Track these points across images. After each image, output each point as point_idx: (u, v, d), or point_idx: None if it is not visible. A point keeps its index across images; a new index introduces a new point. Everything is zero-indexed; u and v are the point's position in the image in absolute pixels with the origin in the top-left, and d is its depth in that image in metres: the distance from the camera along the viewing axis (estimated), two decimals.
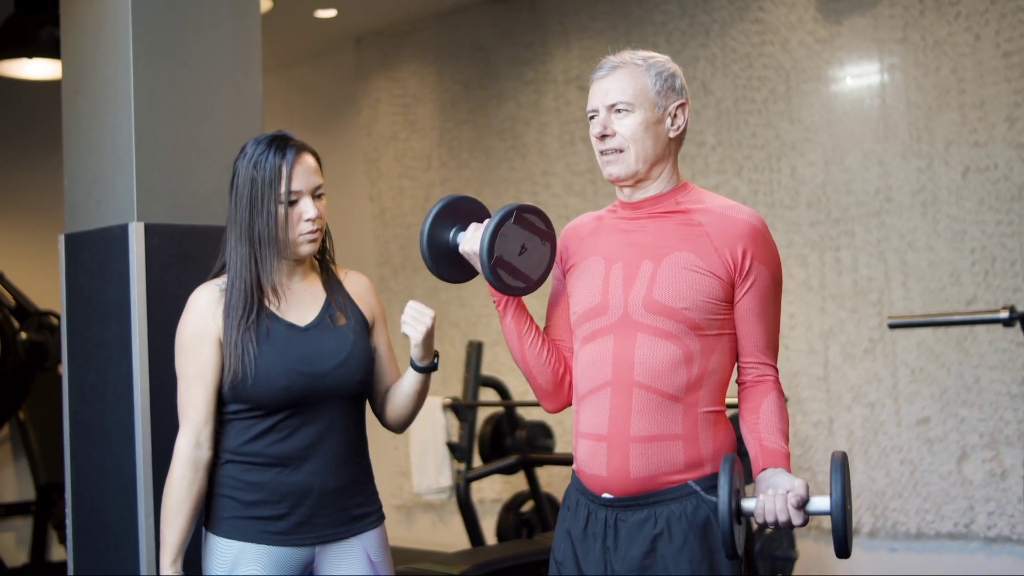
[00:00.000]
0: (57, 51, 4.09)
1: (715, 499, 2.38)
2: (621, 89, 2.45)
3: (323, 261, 2.82)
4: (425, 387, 2.80)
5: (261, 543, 2.64)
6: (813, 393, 5.73)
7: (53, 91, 3.67)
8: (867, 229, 5.58)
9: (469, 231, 2.55)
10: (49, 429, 6.35)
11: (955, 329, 5.29)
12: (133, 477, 3.21)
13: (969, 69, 5.30)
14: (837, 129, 5.70)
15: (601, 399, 2.43)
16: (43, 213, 6.82)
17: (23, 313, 6.48)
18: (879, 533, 5.57)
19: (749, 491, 3.18)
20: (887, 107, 5.54)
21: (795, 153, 5.82)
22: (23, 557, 6.93)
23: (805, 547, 5.72)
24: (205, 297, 2.70)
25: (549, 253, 2.54)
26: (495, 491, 6.96)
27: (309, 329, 2.69)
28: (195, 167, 3.42)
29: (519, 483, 6.45)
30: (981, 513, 5.27)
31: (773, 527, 2.25)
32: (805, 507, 2.24)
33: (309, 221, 2.66)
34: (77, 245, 3.46)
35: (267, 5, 5.41)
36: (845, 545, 2.19)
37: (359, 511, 2.74)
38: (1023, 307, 5.00)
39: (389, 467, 7.60)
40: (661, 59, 2.51)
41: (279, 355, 2.63)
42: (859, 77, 5.66)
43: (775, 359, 2.50)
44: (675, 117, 2.49)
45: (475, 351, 5.79)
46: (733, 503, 2.21)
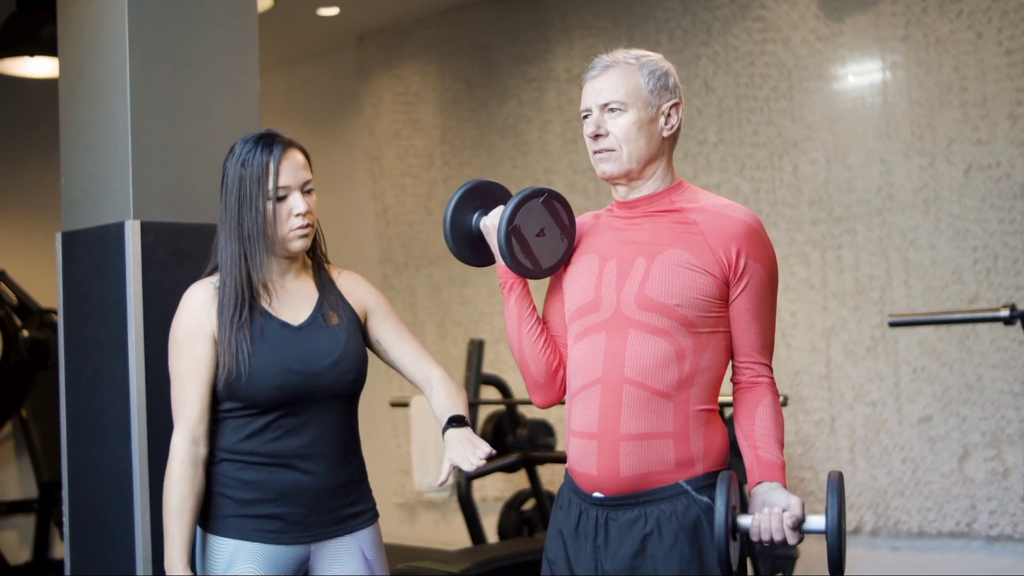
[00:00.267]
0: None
1: (706, 499, 2.38)
2: (614, 88, 2.44)
3: (316, 259, 2.82)
4: None
5: (256, 541, 2.64)
6: (815, 392, 5.72)
7: (55, 89, 3.67)
8: (869, 227, 5.57)
9: (493, 213, 2.57)
10: (51, 427, 6.32)
11: (957, 328, 5.28)
12: (129, 475, 3.20)
13: (971, 67, 5.29)
14: (839, 127, 5.69)
15: (591, 396, 2.42)
16: (46, 211, 6.80)
17: (25, 311, 6.48)
18: (881, 532, 5.56)
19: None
20: (889, 105, 5.53)
21: (797, 151, 5.81)
22: (26, 555, 6.93)
23: (807, 546, 5.71)
24: (199, 295, 2.70)
25: (565, 248, 2.55)
26: (497, 489, 6.96)
27: (303, 328, 2.69)
28: (191, 165, 3.41)
29: (521, 481, 6.45)
30: (983, 512, 5.26)
31: (768, 544, 2.25)
32: (801, 527, 2.24)
33: (299, 216, 2.65)
34: (74, 243, 3.45)
35: (268, 3, 5.40)
36: (839, 564, 2.20)
37: (353, 509, 2.74)
38: None
39: (391, 465, 7.60)
40: (654, 58, 2.50)
41: (273, 354, 2.63)
42: (861, 75, 5.65)
43: (770, 359, 2.49)
44: (669, 116, 2.48)
45: (476, 349, 5.79)
46: (729, 520, 2.21)
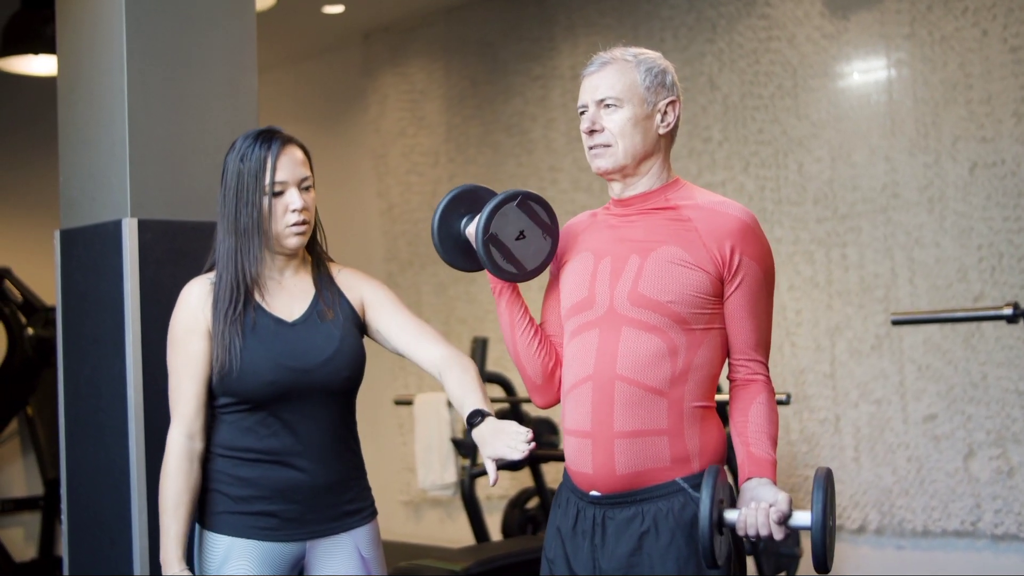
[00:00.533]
0: None
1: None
2: (610, 85, 2.44)
3: (316, 256, 2.81)
4: None
5: (251, 538, 2.64)
6: (819, 390, 5.71)
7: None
8: (874, 225, 5.55)
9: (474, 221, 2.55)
10: (56, 424, 6.34)
11: (962, 326, 5.25)
12: (127, 473, 3.21)
13: (976, 64, 5.26)
14: (844, 125, 5.67)
15: (582, 393, 2.42)
16: (50, 208, 6.81)
17: (30, 309, 6.49)
18: (886, 531, 5.54)
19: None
20: (894, 103, 5.51)
21: (802, 149, 5.79)
22: (32, 552, 6.95)
23: (810, 545, 5.69)
24: (196, 291, 2.70)
25: (549, 247, 2.53)
26: (502, 487, 6.96)
27: (297, 324, 2.69)
28: (189, 164, 3.42)
29: (526, 479, 6.45)
30: (988, 511, 5.24)
31: (755, 539, 2.24)
32: (787, 523, 2.24)
33: (295, 212, 2.64)
34: (72, 241, 3.46)
35: (270, 1, 5.41)
36: (823, 561, 2.21)
37: (350, 507, 2.74)
38: None
39: (396, 463, 7.60)
40: (652, 55, 2.49)
41: (265, 349, 2.63)
42: (866, 73, 5.63)
43: (766, 357, 2.48)
44: (665, 114, 2.47)
45: (480, 347, 5.77)
46: (715, 514, 2.21)
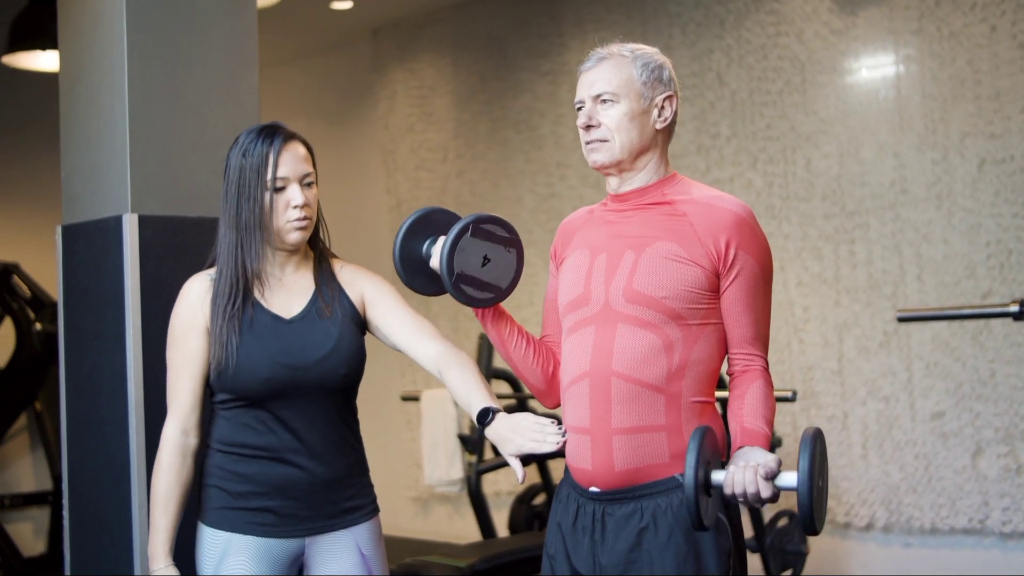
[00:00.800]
0: None
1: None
2: (607, 80, 2.44)
3: (318, 252, 2.81)
4: None
5: (249, 534, 2.64)
6: (827, 387, 5.69)
7: None
8: (882, 222, 5.53)
9: (439, 243, 2.53)
10: None
11: (970, 323, 5.23)
12: (127, 468, 3.21)
13: (985, 60, 5.24)
14: (852, 121, 5.65)
15: (579, 390, 2.42)
16: (58, 204, 6.84)
17: (38, 304, 6.48)
18: (893, 528, 5.53)
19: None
20: (902, 99, 5.49)
21: (810, 145, 5.77)
22: (40, 547, 6.96)
23: (819, 542, 5.68)
24: (196, 287, 2.71)
25: (516, 259, 2.52)
26: (510, 483, 6.96)
27: (294, 322, 2.68)
28: (190, 159, 3.42)
29: (533, 476, 6.44)
30: (996, 508, 5.22)
31: (743, 501, 2.21)
32: (774, 480, 2.19)
33: (296, 208, 2.64)
34: (73, 236, 3.47)
35: None
36: (811, 522, 2.15)
37: (350, 504, 2.73)
38: None
39: (405, 459, 7.60)
40: (649, 51, 2.49)
41: (261, 346, 2.63)
42: (874, 68, 5.61)
43: (765, 350, 2.46)
44: (662, 109, 2.47)
45: (486, 344, 5.76)
46: (701, 475, 2.17)
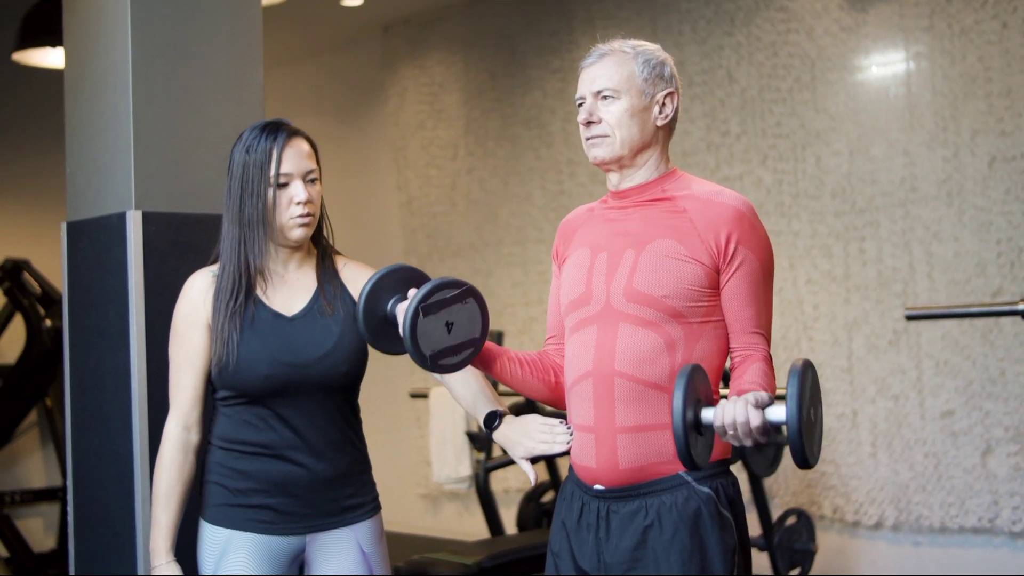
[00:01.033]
0: None
1: (707, 490, 2.34)
2: (608, 76, 2.43)
3: (321, 249, 2.81)
4: None
5: (249, 531, 2.64)
6: (837, 385, 5.68)
7: None
8: (892, 219, 5.51)
9: (405, 302, 2.44)
10: None
11: (980, 321, 5.21)
12: (130, 465, 3.22)
13: (996, 57, 5.21)
14: (862, 118, 5.63)
15: (584, 389, 2.41)
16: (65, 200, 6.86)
17: (49, 301, 6.50)
18: (903, 527, 5.51)
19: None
20: (913, 96, 5.47)
21: (820, 142, 5.76)
22: (51, 543, 6.98)
23: (827, 540, 5.67)
24: (199, 283, 2.72)
25: (476, 307, 2.44)
26: (519, 481, 6.96)
27: (295, 319, 2.69)
28: (194, 156, 3.43)
29: (542, 473, 6.43)
30: (1006, 508, 5.20)
31: (733, 435, 2.13)
32: (765, 409, 2.12)
33: (299, 204, 2.64)
34: (78, 233, 3.48)
35: None
36: (803, 454, 2.08)
37: (351, 501, 2.74)
38: None
39: (414, 456, 7.61)
40: (651, 47, 2.49)
41: (262, 343, 2.63)
42: (884, 66, 5.59)
43: (766, 343, 2.41)
44: (663, 105, 2.46)
45: (494, 341, 5.77)
46: (689, 414, 2.11)
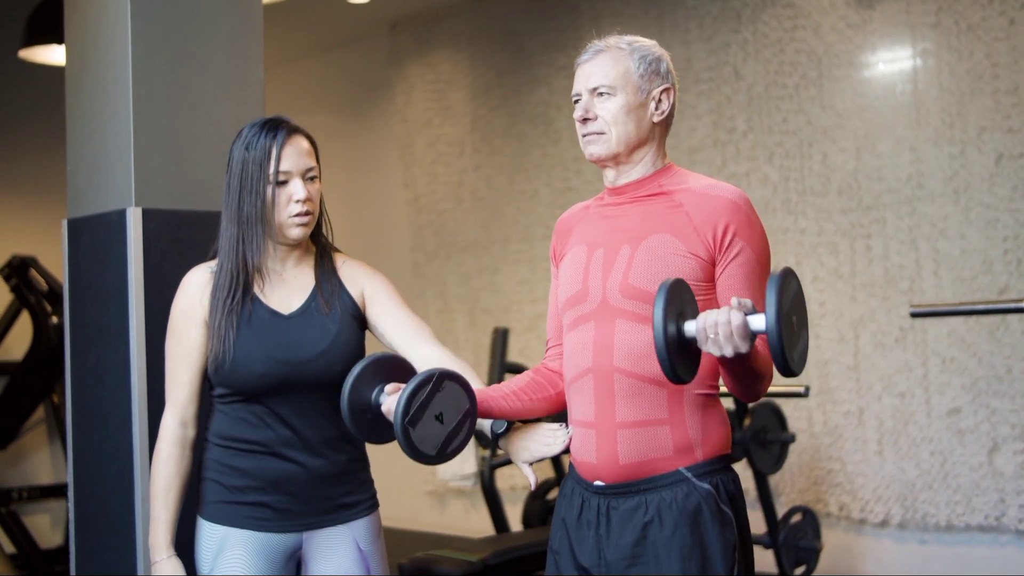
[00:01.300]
0: None
1: (707, 486, 2.34)
2: (603, 73, 2.43)
3: (320, 247, 2.80)
4: None
5: (245, 528, 2.64)
6: (843, 383, 5.66)
7: None
8: (898, 216, 5.50)
9: (388, 389, 2.42)
10: None
11: (986, 319, 5.19)
12: (130, 462, 3.22)
13: (1003, 54, 5.19)
14: (869, 115, 5.62)
15: (584, 385, 2.41)
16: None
17: (55, 298, 6.51)
18: (909, 525, 5.50)
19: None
20: (919, 93, 5.45)
21: (826, 139, 5.74)
22: (58, 539, 6.99)
23: (833, 538, 5.66)
24: (196, 279, 2.72)
25: (453, 384, 2.36)
26: (526, 478, 6.92)
27: (292, 317, 2.68)
28: (194, 153, 3.43)
29: (548, 470, 6.43)
30: (1012, 506, 5.18)
31: (714, 341, 2.06)
32: (748, 316, 2.07)
33: (298, 202, 2.63)
34: (79, 230, 3.48)
35: None
36: (783, 359, 2.03)
37: (348, 499, 2.73)
38: None
39: None
40: (647, 43, 2.48)
41: (258, 342, 2.63)
42: (891, 62, 5.57)
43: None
44: (659, 101, 2.46)
45: (500, 338, 5.76)
46: (671, 327, 2.05)
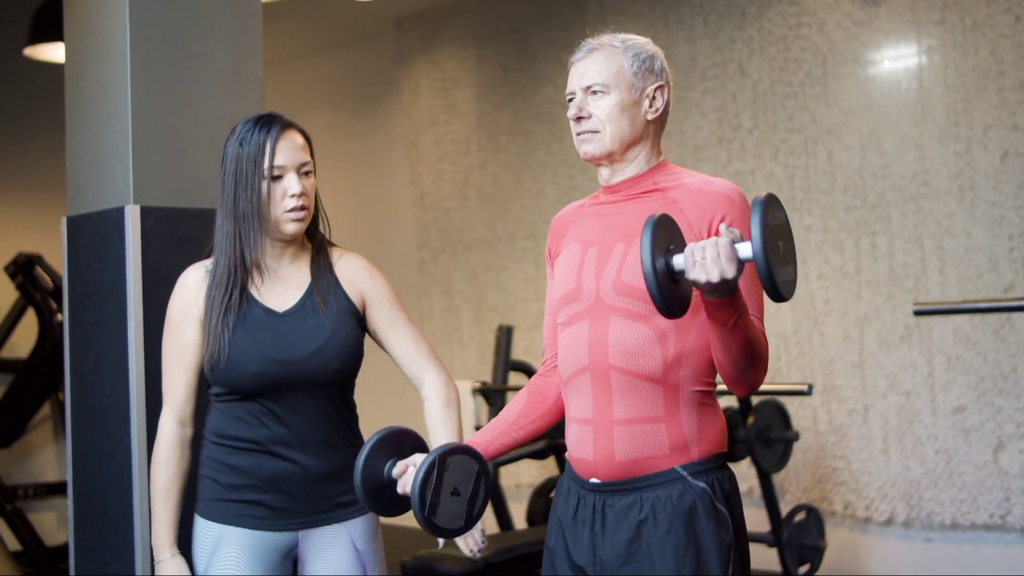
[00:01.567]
0: None
1: (702, 485, 2.33)
2: (597, 71, 2.42)
3: (316, 243, 2.79)
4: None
5: (241, 526, 2.64)
6: (848, 380, 5.65)
7: None
8: (904, 214, 5.48)
9: (396, 472, 2.40)
10: None
11: (992, 317, 5.18)
12: (128, 460, 3.23)
13: (1008, 51, 5.18)
14: (874, 112, 5.60)
15: (582, 383, 2.41)
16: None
17: (61, 295, 6.50)
18: (914, 523, 5.48)
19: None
20: (925, 90, 5.43)
21: (831, 137, 5.73)
22: (63, 536, 7.01)
23: (838, 537, 5.64)
24: (192, 278, 2.71)
25: (459, 456, 2.37)
26: (531, 476, 6.95)
27: (287, 315, 2.67)
28: (192, 151, 3.43)
29: (553, 468, 6.43)
30: (1018, 504, 5.17)
31: (702, 268, 2.01)
32: (736, 244, 2.02)
33: (293, 197, 2.63)
34: (78, 228, 3.49)
35: None
36: (772, 282, 1.99)
37: (344, 498, 2.72)
38: None
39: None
40: (640, 41, 2.48)
41: (252, 340, 2.62)
42: (896, 60, 5.55)
43: (759, 325, 2.37)
44: (653, 99, 2.45)
45: (505, 336, 5.76)
46: (659, 262, 2.00)
